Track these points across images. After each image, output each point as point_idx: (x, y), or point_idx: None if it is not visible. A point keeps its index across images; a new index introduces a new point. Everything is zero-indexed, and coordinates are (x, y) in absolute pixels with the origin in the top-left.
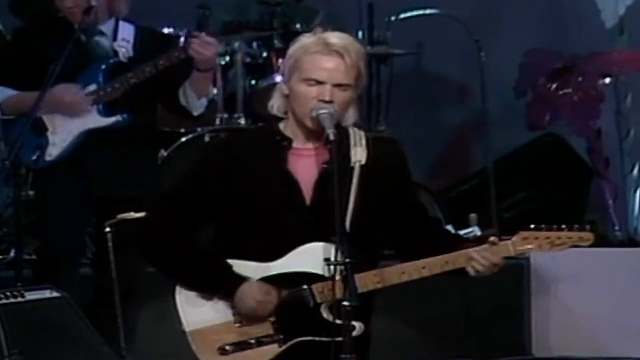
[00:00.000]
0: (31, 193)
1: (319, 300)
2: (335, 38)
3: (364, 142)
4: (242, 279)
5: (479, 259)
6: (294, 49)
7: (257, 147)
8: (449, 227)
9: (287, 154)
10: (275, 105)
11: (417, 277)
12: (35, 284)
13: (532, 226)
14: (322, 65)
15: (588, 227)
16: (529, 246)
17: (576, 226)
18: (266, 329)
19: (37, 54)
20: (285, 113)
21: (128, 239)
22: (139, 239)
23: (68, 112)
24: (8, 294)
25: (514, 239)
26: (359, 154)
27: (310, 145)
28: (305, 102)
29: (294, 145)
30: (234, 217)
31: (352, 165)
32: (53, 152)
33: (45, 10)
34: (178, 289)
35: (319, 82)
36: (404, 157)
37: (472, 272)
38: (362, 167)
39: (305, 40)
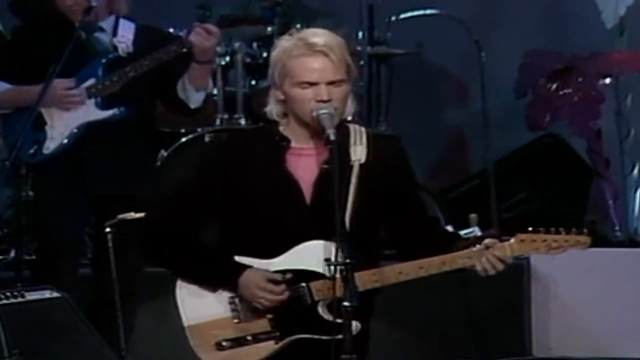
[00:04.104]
0: (31, 193)
1: (316, 298)
2: (315, 37)
3: (364, 139)
4: (244, 267)
5: (480, 260)
6: (276, 54)
7: (257, 148)
8: (449, 228)
9: (286, 154)
10: (274, 111)
11: (414, 277)
12: (34, 284)
13: (530, 229)
14: (309, 67)
15: (585, 230)
16: (526, 249)
17: (573, 229)
18: (263, 325)
19: (37, 53)
20: (285, 116)
21: (128, 239)
22: (141, 239)
23: (62, 106)
24: (8, 294)
25: (512, 241)
26: (358, 153)
27: (311, 145)
28: (304, 104)
29: (293, 145)
30: (235, 216)
31: (351, 163)
32: (50, 145)
33: (45, 9)
34: (179, 284)
35: (312, 84)
36: (405, 155)
37: (479, 269)
38: (361, 165)
39: (285, 43)
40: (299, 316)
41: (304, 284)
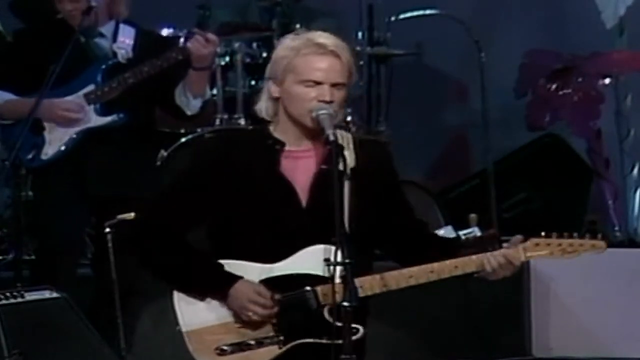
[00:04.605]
0: (30, 193)
1: (322, 302)
2: (324, 38)
3: (351, 145)
4: (235, 278)
5: (493, 264)
6: (282, 50)
7: (250, 150)
8: (449, 228)
9: (280, 156)
10: (264, 108)
11: (424, 281)
12: (33, 284)
13: (543, 233)
14: (318, 66)
15: (600, 235)
16: (541, 252)
17: (588, 234)
18: (266, 329)
19: (37, 55)
20: (275, 115)
21: (127, 239)
22: (132, 241)
23: (61, 123)
24: (8, 294)
25: (526, 244)
26: (347, 158)
27: (303, 147)
28: (304, 103)
29: (287, 148)
30: (230, 218)
31: (343, 169)
32: (49, 151)
33: (45, 12)
34: None
35: (317, 83)
36: (391, 160)
37: (489, 271)
38: (351, 170)
39: (292, 42)
40: (304, 320)
41: (309, 288)
